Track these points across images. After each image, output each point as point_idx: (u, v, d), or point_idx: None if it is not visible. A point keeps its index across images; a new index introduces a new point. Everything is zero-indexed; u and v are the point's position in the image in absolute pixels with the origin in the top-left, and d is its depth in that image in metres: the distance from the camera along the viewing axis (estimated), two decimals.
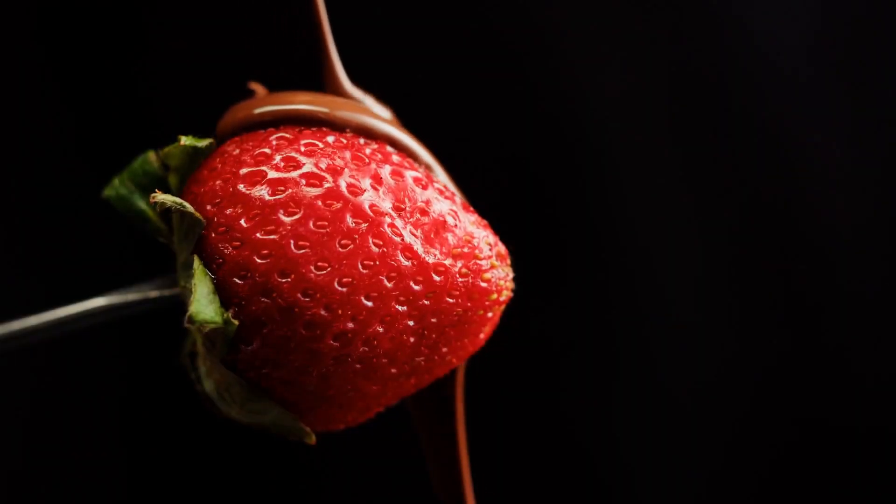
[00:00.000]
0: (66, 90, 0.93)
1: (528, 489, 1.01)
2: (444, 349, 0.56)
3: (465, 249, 0.55)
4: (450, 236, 0.55)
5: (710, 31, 0.96)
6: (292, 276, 0.52)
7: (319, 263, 0.53)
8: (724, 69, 0.96)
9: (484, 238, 0.55)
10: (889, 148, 0.97)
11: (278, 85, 0.61)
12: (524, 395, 0.99)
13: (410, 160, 0.57)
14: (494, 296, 0.55)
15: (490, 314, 0.56)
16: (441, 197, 0.56)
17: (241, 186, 0.54)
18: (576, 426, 1.00)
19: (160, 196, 0.53)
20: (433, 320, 0.55)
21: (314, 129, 0.56)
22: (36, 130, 0.94)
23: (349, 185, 0.54)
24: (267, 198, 0.53)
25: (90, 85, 0.93)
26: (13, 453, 0.96)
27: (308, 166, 0.54)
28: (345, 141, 0.56)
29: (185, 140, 0.55)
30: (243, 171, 0.54)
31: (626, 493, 1.00)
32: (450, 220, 0.55)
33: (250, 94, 0.59)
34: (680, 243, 0.97)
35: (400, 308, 0.54)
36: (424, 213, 0.55)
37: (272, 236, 0.53)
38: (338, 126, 0.57)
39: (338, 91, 0.59)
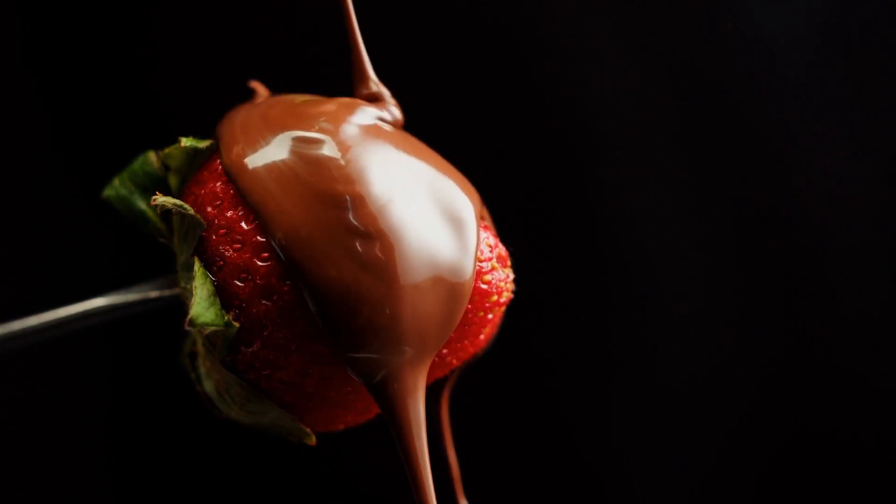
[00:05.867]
0: (65, 90, 0.93)
1: (527, 489, 1.01)
2: (444, 350, 0.56)
3: None
4: None
5: (712, 32, 0.96)
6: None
7: None
8: (726, 71, 0.96)
9: (484, 240, 0.55)
10: (891, 149, 0.97)
11: (279, 85, 0.61)
12: (523, 396, 0.99)
13: None
14: (494, 297, 0.55)
15: (490, 316, 0.56)
16: None
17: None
18: (576, 427, 1.00)
19: (161, 198, 0.53)
20: None
21: None
22: (36, 130, 0.94)
23: None
24: None
25: (90, 85, 0.93)
26: (14, 454, 0.96)
27: None
28: None
29: (185, 141, 0.55)
30: None
31: (626, 492, 1.00)
32: None
33: (251, 94, 0.59)
34: (680, 245, 0.97)
35: None
36: None
37: None
38: None
39: (364, 84, 0.58)
